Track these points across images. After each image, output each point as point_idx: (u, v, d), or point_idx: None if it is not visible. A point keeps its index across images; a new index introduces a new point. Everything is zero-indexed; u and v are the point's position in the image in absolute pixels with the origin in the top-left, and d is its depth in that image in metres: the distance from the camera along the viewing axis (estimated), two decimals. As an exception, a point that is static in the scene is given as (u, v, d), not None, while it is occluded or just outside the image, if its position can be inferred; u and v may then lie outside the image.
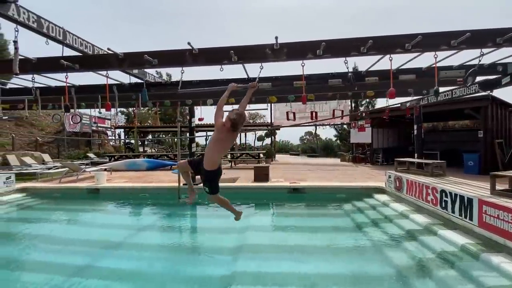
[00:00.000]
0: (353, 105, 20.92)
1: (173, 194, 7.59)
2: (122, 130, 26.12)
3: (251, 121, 18.45)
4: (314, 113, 7.81)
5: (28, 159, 12.42)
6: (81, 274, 3.46)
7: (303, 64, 4.41)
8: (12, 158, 11.39)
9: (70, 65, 3.93)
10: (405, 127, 15.04)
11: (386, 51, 4.16)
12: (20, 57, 3.53)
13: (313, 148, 26.50)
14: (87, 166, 10.28)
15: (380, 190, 7.14)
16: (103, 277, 3.38)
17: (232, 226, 5.51)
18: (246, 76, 5.31)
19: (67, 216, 6.69)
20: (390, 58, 4.32)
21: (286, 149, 30.88)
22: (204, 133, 18.63)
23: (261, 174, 8.45)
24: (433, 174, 6.05)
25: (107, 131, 24.41)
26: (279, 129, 21.70)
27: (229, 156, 14.38)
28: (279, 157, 21.83)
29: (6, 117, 11.38)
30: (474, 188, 4.66)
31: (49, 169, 10.79)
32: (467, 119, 13.76)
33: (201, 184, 3.10)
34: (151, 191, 8.05)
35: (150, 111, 32.20)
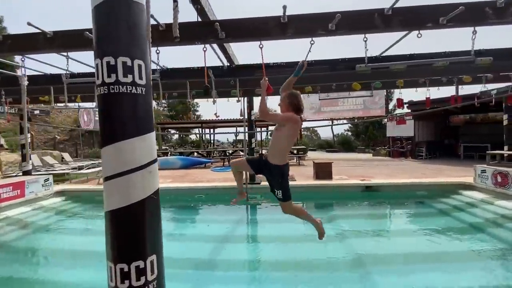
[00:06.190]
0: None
1: (233, 195, 6.85)
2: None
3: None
4: (400, 101, 6.84)
5: (49, 159, 11.49)
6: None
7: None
8: (34, 158, 10.42)
9: (218, 32, 2.93)
10: (441, 119, 14.45)
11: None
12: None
13: (330, 143, 25.89)
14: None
15: (468, 186, 6.52)
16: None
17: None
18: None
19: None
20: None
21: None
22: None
23: (324, 171, 7.76)
24: (544, 168, 5.43)
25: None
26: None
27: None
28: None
29: (38, 111, 10.41)
30: None
31: (75, 168, 9.89)
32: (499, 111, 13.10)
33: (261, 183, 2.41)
34: (209, 191, 7.26)
35: (159, 107, 31.00)
